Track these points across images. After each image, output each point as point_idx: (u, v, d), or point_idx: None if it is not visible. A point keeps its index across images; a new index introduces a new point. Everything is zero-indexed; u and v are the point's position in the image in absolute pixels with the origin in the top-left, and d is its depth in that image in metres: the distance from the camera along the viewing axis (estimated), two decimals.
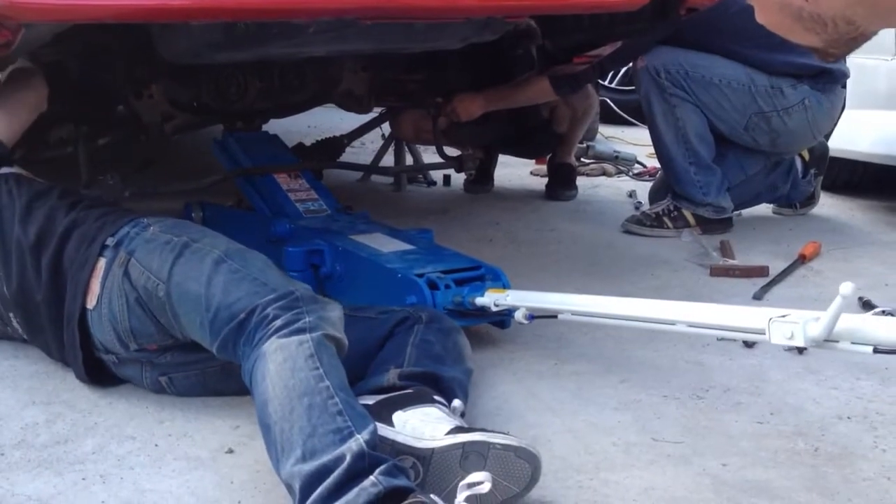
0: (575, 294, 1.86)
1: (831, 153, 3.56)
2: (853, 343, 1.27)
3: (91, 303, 1.74)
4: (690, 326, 1.53)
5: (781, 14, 1.07)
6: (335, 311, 1.53)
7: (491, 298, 1.93)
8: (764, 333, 1.35)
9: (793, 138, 3.19)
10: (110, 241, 1.76)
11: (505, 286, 2.03)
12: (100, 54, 2.75)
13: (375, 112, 3.74)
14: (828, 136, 3.62)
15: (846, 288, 1.21)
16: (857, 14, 1.03)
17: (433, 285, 1.98)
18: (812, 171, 3.47)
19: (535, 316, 1.86)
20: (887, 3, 1.03)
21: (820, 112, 3.14)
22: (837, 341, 1.29)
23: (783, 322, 1.32)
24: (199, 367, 1.73)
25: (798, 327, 1.29)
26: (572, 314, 1.78)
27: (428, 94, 3.52)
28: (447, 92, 3.46)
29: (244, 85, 3.02)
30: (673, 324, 1.56)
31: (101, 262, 1.74)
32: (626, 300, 1.72)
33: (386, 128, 3.96)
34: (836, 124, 3.36)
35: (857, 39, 1.08)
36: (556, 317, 1.82)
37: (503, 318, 2.01)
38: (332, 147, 3.43)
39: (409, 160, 4.06)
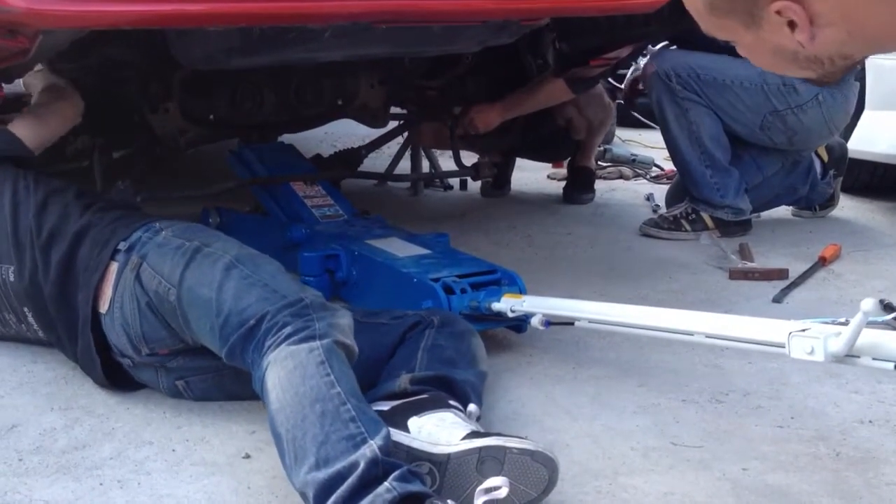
0: (592, 301, 1.85)
1: (851, 154, 3.53)
2: (874, 359, 1.25)
3: (104, 307, 1.74)
4: (708, 337, 1.52)
5: (775, 58, 1.09)
6: (345, 318, 1.52)
7: (507, 304, 1.92)
8: (783, 347, 1.33)
9: (809, 135, 3.15)
10: (122, 246, 1.77)
11: (521, 290, 2.02)
12: (116, 69, 2.77)
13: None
14: (847, 137, 3.59)
15: (867, 304, 1.19)
16: (854, 49, 1.05)
17: (449, 290, 1.97)
18: (831, 172, 3.44)
19: (551, 322, 1.86)
20: (883, 36, 1.04)
21: (834, 106, 3.11)
22: (858, 356, 1.27)
23: (803, 336, 1.30)
24: (213, 370, 1.73)
25: (818, 342, 1.28)
26: (589, 322, 1.77)
27: (445, 105, 3.52)
28: (465, 102, 3.46)
29: (260, 99, 3.03)
30: (691, 334, 1.55)
31: (114, 267, 1.75)
32: (644, 309, 1.71)
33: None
34: (850, 117, 3.32)
35: (852, 66, 1.09)
36: (572, 324, 1.81)
37: (520, 322, 2.00)
38: (349, 158, 3.43)
39: (425, 165, 4.05)
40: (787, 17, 1.01)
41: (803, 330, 1.31)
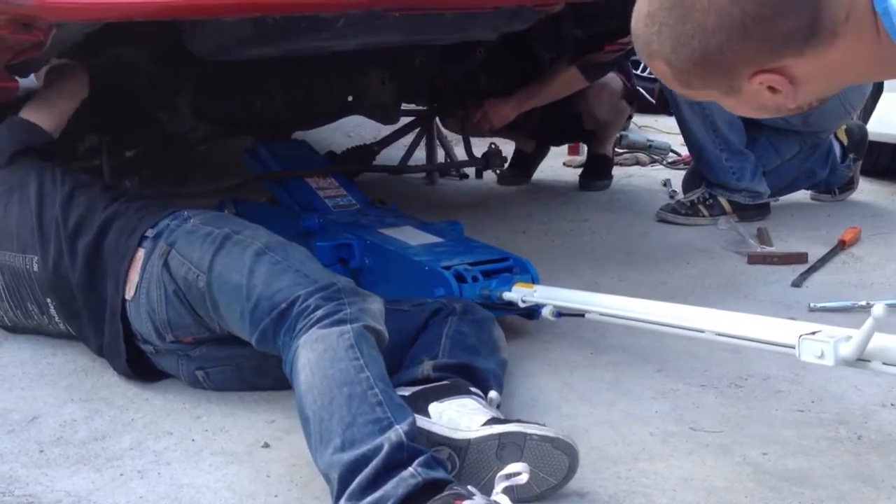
0: (604, 294, 1.83)
1: (870, 137, 3.50)
2: (885, 364, 1.24)
3: (129, 293, 1.75)
4: (718, 335, 1.50)
5: (758, 112, 1.17)
6: (376, 304, 1.53)
7: (518, 294, 1.91)
8: (794, 348, 1.32)
9: (824, 114, 3.10)
10: (150, 233, 1.77)
11: (533, 278, 2.02)
12: (127, 68, 2.78)
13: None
14: (866, 120, 3.55)
15: (878, 310, 1.18)
16: (830, 91, 1.14)
17: (460, 278, 1.97)
18: (851, 155, 3.40)
19: (562, 313, 1.85)
20: (861, 77, 1.18)
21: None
22: (869, 361, 1.26)
23: (813, 340, 1.29)
24: (233, 362, 1.74)
25: (829, 346, 1.26)
26: (600, 314, 1.76)
27: (459, 100, 3.51)
28: (478, 97, 3.45)
29: (270, 97, 3.02)
30: (702, 331, 1.53)
31: (140, 253, 1.76)
32: (656, 304, 1.68)
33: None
34: (867, 97, 3.28)
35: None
36: (583, 315, 1.80)
37: (531, 310, 1.99)
38: (361, 155, 3.42)
39: (440, 155, 4.05)
40: (767, 85, 1.08)
41: (814, 333, 1.30)
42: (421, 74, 3.31)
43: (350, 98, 3.24)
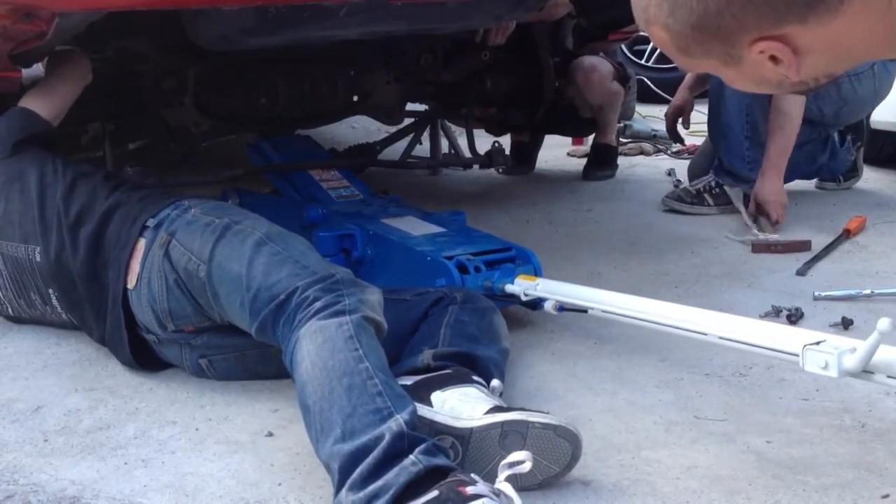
0: (607, 291, 1.82)
1: (875, 126, 3.48)
2: (889, 377, 1.24)
3: (131, 283, 1.75)
4: (721, 339, 1.49)
5: (759, 86, 1.13)
6: (375, 295, 1.53)
7: (521, 287, 1.91)
8: (797, 356, 1.31)
9: (859, 106, 3.08)
10: (151, 222, 1.78)
11: (535, 268, 2.01)
12: (132, 61, 2.78)
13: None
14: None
15: (883, 324, 1.17)
16: (838, 67, 1.09)
17: (463, 268, 1.97)
18: (849, 137, 3.37)
19: (564, 308, 1.84)
20: (866, 52, 1.09)
21: (885, 79, 3.05)
22: (873, 373, 1.26)
23: (817, 351, 1.28)
24: (236, 350, 1.74)
25: (833, 358, 1.26)
26: (602, 311, 1.76)
27: (463, 102, 3.51)
28: (483, 100, 3.44)
29: (274, 94, 3.02)
30: (705, 334, 1.53)
31: (142, 243, 1.76)
32: (659, 303, 1.68)
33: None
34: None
35: (835, 79, 1.14)
36: (585, 311, 1.80)
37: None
38: (363, 153, 3.42)
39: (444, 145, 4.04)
40: (769, 54, 1.03)
41: (818, 343, 1.29)
42: (426, 75, 3.30)
43: (355, 98, 3.23)
